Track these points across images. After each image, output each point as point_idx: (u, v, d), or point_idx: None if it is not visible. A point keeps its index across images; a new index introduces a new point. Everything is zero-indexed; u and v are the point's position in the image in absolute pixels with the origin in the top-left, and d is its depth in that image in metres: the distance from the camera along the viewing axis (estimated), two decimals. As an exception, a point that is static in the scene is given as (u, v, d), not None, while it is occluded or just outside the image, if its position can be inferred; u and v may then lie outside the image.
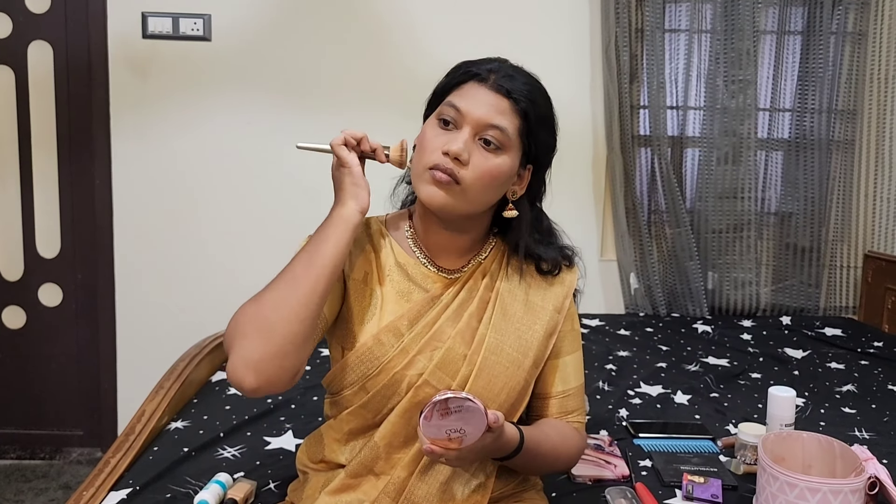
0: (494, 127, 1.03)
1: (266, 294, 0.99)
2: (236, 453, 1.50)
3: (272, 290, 0.99)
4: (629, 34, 2.70)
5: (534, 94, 1.07)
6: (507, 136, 1.04)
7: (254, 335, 0.94)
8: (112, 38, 2.68)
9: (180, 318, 2.78)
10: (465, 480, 1.08)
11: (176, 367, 1.80)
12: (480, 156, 1.04)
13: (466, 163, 1.03)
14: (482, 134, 1.04)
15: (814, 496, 1.13)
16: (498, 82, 1.05)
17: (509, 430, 1.02)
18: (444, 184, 1.03)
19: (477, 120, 1.03)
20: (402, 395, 1.06)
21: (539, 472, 1.20)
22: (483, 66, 1.07)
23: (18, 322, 2.82)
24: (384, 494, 1.06)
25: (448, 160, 1.02)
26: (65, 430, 2.87)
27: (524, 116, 1.06)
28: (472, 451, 0.95)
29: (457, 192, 1.03)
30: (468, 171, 1.03)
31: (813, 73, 2.78)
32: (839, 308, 2.96)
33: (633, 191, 2.79)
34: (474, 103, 1.04)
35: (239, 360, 0.94)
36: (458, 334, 1.08)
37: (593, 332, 2.59)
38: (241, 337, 0.95)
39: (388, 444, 1.07)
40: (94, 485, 1.32)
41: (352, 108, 2.76)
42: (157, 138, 2.73)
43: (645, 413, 1.84)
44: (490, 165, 1.04)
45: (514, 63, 1.11)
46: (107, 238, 2.76)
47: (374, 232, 1.16)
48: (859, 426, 1.78)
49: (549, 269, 1.17)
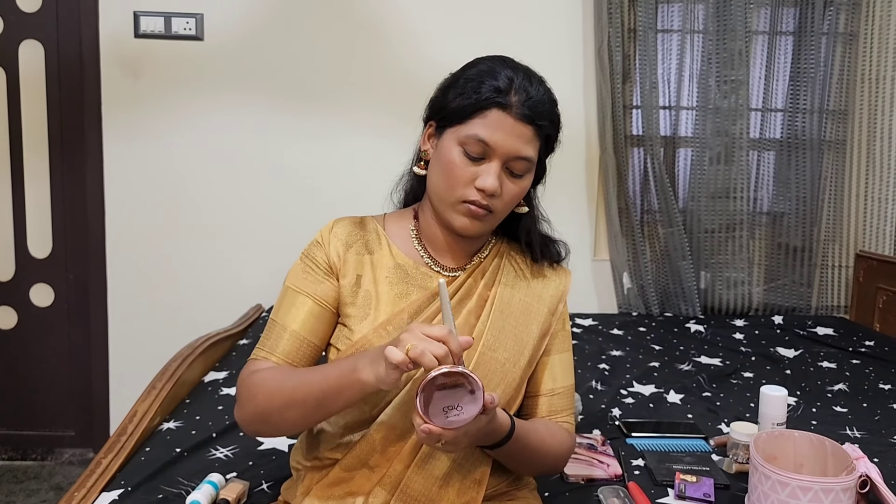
0: (522, 158, 1.06)
1: (276, 401, 1.03)
2: (229, 454, 1.49)
3: (284, 401, 1.02)
4: (622, 34, 2.70)
5: (552, 113, 1.09)
6: (532, 162, 1.08)
7: (258, 421, 1.07)
8: (104, 37, 2.67)
9: (172, 319, 2.78)
10: (462, 474, 1.08)
11: (168, 367, 1.79)
12: (510, 183, 1.07)
13: (500, 195, 1.07)
14: (510, 165, 1.06)
15: (805, 495, 1.13)
16: (521, 110, 1.04)
17: (501, 415, 1.03)
18: (481, 217, 1.07)
19: (506, 153, 1.05)
20: (401, 389, 1.07)
21: (528, 467, 1.18)
22: (502, 84, 1.04)
23: (10, 322, 2.81)
24: (380, 487, 1.06)
25: (483, 196, 1.05)
26: (56, 431, 2.86)
27: (546, 138, 1.09)
28: (466, 434, 0.95)
29: (489, 219, 1.09)
30: (500, 201, 1.07)
31: (804, 73, 2.79)
32: (831, 307, 2.98)
33: (625, 191, 2.80)
34: (502, 137, 1.04)
35: (245, 423, 1.08)
36: (456, 330, 1.09)
37: (586, 331, 2.60)
38: (250, 412, 1.06)
39: (385, 437, 1.07)
40: (85, 485, 1.31)
41: (345, 108, 2.76)
42: (150, 138, 2.72)
43: (638, 412, 1.85)
44: (517, 190, 1.09)
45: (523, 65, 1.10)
46: (99, 238, 2.76)
47: (369, 232, 1.16)
48: (851, 425, 1.79)
49: (554, 259, 1.21)
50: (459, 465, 1.08)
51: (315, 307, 1.10)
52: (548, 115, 1.07)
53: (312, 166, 2.77)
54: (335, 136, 2.77)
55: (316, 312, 1.10)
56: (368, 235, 1.16)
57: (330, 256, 1.12)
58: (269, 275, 2.80)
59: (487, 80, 1.05)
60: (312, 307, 1.10)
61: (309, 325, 1.10)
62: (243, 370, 1.09)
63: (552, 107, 1.09)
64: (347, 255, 1.13)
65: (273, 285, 2.75)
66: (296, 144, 2.76)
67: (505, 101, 1.04)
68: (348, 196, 2.66)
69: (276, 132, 2.75)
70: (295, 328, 1.09)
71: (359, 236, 1.15)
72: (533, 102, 1.05)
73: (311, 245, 1.15)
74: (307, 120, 2.75)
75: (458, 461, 1.08)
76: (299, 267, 1.14)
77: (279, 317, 1.11)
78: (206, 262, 2.79)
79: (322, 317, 1.11)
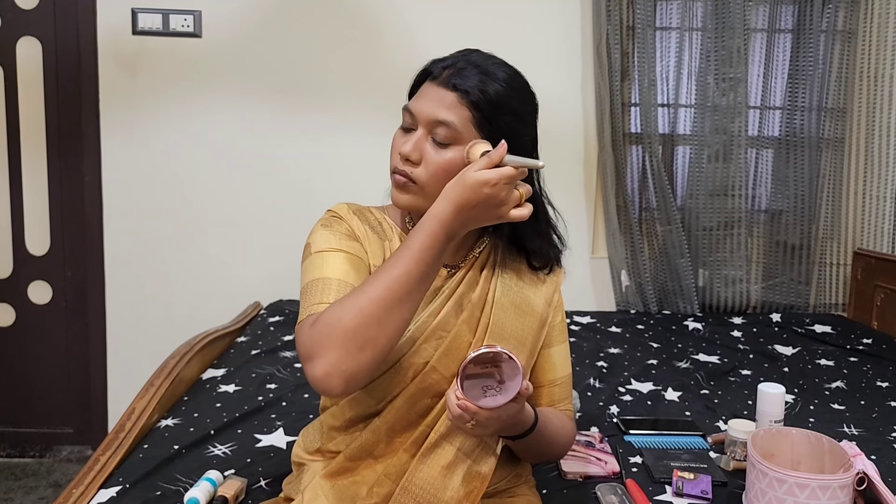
0: (440, 123, 1.03)
1: (370, 307, 0.91)
2: (227, 451, 1.49)
3: (377, 303, 0.91)
4: (620, 32, 2.70)
5: (486, 83, 1.04)
6: (454, 130, 1.03)
7: (354, 350, 0.90)
8: (101, 34, 2.66)
9: (170, 316, 2.78)
10: (466, 466, 1.08)
11: (166, 364, 1.79)
12: (433, 152, 1.04)
13: (418, 162, 1.05)
14: (433, 133, 1.04)
15: (802, 492, 1.13)
16: (448, 77, 1.04)
17: (527, 406, 1.05)
18: (403, 185, 1.06)
19: (426, 118, 1.04)
20: (408, 383, 1.07)
21: (539, 456, 1.22)
22: (441, 63, 1.08)
23: (8, 320, 2.81)
24: (385, 476, 1.07)
25: (403, 162, 1.05)
26: (55, 428, 2.86)
27: (475, 106, 1.03)
28: (498, 418, 0.96)
29: (415, 190, 1.06)
30: (422, 170, 1.05)
31: (803, 71, 2.79)
32: (829, 305, 2.98)
33: (624, 188, 2.80)
34: (422, 103, 1.05)
35: (335, 369, 0.89)
36: (463, 322, 1.10)
37: (584, 329, 2.60)
38: (338, 348, 0.89)
39: (391, 427, 1.08)
40: (83, 482, 1.31)
41: (342, 105, 2.76)
42: (147, 135, 2.72)
43: (635, 410, 1.85)
44: (441, 160, 1.04)
45: (486, 52, 1.09)
46: (97, 235, 2.75)
47: (380, 219, 1.16)
48: (848, 423, 1.79)
49: (540, 266, 1.19)
50: (465, 456, 1.09)
51: (351, 257, 1.05)
52: (476, 83, 1.03)
53: (310, 163, 2.77)
54: (333, 134, 2.77)
55: (354, 262, 1.05)
56: (381, 222, 1.16)
57: (353, 229, 1.11)
58: (268, 272, 2.81)
59: (431, 64, 1.10)
60: (348, 257, 1.05)
61: (352, 275, 1.03)
62: (300, 329, 0.96)
63: (488, 76, 1.04)
64: (370, 235, 1.12)
65: (272, 282, 2.78)
66: (294, 141, 2.76)
67: (435, 73, 1.07)
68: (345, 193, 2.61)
69: (274, 129, 2.75)
70: (339, 276, 1.02)
71: (376, 220, 1.15)
72: (460, 72, 1.04)
73: (328, 218, 1.12)
74: (305, 117, 2.75)
75: (464, 452, 1.08)
76: (327, 232, 1.08)
77: (315, 275, 1.03)
78: (204, 259, 2.79)
79: (360, 268, 1.06)
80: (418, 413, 1.08)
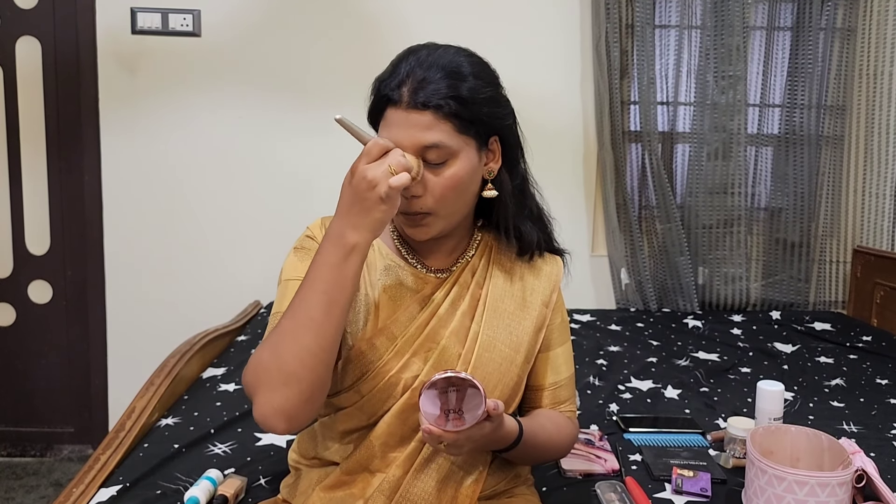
0: (429, 147, 0.98)
1: (285, 343, 0.92)
2: (227, 449, 1.50)
3: (290, 337, 0.92)
4: (619, 30, 2.70)
5: (453, 87, 0.98)
6: (446, 146, 0.98)
7: (280, 387, 0.90)
8: (101, 33, 2.66)
9: (171, 315, 2.78)
10: (459, 478, 1.08)
11: (166, 363, 1.80)
12: (432, 177, 1.00)
13: (422, 194, 1.00)
14: (425, 157, 0.99)
15: (801, 489, 1.13)
16: (411, 98, 0.97)
17: (509, 422, 1.02)
18: (419, 221, 1.03)
19: (412, 148, 0.97)
20: (398, 398, 1.06)
21: (535, 461, 1.21)
22: (392, 81, 1.00)
23: (8, 319, 2.81)
24: (379, 492, 1.05)
25: (411, 202, 1.01)
26: (55, 428, 2.86)
27: (454, 115, 0.98)
28: (469, 439, 0.94)
29: (432, 220, 1.03)
30: (429, 198, 1.01)
31: (802, 68, 2.79)
32: (828, 303, 2.98)
33: (623, 186, 2.80)
34: (398, 133, 0.98)
35: (268, 409, 0.91)
36: (452, 334, 1.08)
37: (584, 327, 2.60)
38: (267, 389, 0.91)
39: (384, 443, 1.07)
40: (84, 481, 1.31)
41: (342, 104, 2.75)
42: (147, 134, 2.72)
43: (635, 407, 1.85)
44: (445, 181, 1.00)
45: (430, 45, 1.05)
46: (97, 234, 2.75)
47: None
48: (848, 420, 1.79)
49: (527, 249, 1.14)
50: (458, 468, 1.08)
51: None
52: (444, 93, 0.97)
53: (309, 162, 2.77)
54: (332, 133, 2.75)
55: None
56: None
57: None
58: (267, 271, 2.80)
59: (381, 82, 1.03)
60: None
61: None
62: (244, 370, 0.99)
63: (450, 80, 0.98)
64: None
65: (272, 281, 2.77)
66: (293, 140, 2.76)
67: (395, 97, 0.99)
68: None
69: (274, 128, 2.75)
70: None
71: None
72: (422, 86, 0.97)
73: (304, 239, 1.11)
74: (304, 116, 2.75)
75: (457, 465, 1.08)
76: (295, 258, 1.08)
77: (275, 308, 1.06)
78: (204, 258, 2.79)
79: None
80: (411, 428, 1.06)
